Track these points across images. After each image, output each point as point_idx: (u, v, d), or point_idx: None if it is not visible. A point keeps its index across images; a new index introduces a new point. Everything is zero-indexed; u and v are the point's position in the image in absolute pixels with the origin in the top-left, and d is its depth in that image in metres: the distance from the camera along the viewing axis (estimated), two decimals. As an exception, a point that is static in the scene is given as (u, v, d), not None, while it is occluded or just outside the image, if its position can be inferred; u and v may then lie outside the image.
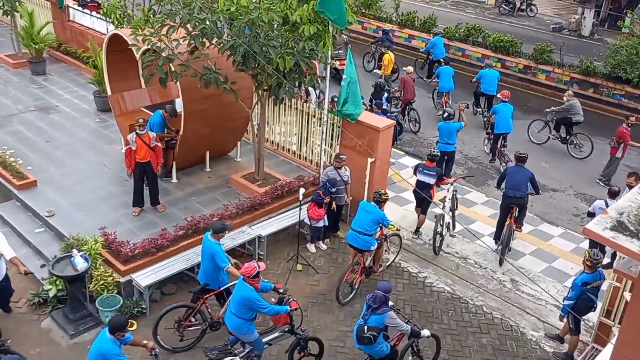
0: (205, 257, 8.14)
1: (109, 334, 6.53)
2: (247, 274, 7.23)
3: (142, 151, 9.83)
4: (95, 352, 6.53)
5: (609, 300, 8.40)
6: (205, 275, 8.21)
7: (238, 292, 7.34)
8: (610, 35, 23.69)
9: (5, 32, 17.92)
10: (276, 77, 9.40)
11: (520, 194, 10.32)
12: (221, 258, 7.96)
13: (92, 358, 6.56)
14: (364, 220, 9.18)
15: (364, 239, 9.17)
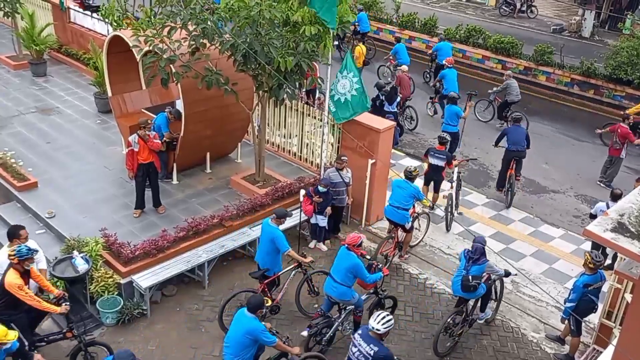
0: (264, 242, 8.50)
1: (249, 313, 6.71)
2: (353, 243, 7.90)
3: (145, 152, 9.83)
4: (241, 332, 6.69)
5: (610, 301, 8.39)
6: (263, 260, 8.53)
7: (342, 262, 7.90)
8: (610, 37, 23.69)
9: (6, 33, 17.95)
10: (277, 78, 9.41)
11: (520, 148, 12.13)
12: (282, 242, 8.34)
13: (238, 339, 6.71)
14: (400, 196, 9.86)
15: (401, 213, 9.83)
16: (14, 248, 7.14)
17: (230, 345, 6.80)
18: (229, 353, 6.80)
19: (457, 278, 8.40)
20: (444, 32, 20.81)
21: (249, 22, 9.12)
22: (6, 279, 7.00)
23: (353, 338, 6.76)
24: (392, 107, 14.20)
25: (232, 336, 6.81)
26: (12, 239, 7.48)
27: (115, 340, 8.29)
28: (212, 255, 9.36)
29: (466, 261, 8.34)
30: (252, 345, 6.75)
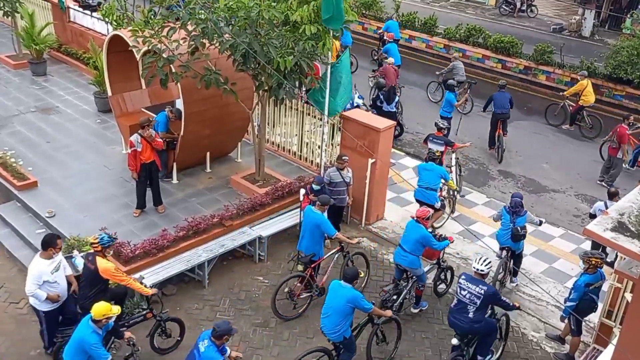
0: (308, 229, 8.81)
1: (346, 283, 7.31)
2: (422, 216, 8.73)
3: (147, 151, 9.84)
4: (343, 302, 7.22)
5: (610, 301, 8.39)
6: (307, 247, 8.84)
7: (411, 234, 8.70)
8: (610, 36, 23.70)
9: (6, 33, 17.95)
10: (276, 78, 9.41)
11: (505, 110, 14.20)
12: (329, 227, 8.76)
13: (340, 308, 7.24)
14: (428, 177, 10.55)
15: (431, 194, 10.46)
16: (96, 236, 7.55)
17: (331, 314, 7.32)
18: (329, 322, 7.35)
19: (505, 231, 9.45)
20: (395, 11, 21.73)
21: (248, 22, 9.12)
22: (100, 266, 7.37)
23: (459, 283, 7.66)
24: (392, 106, 14.20)
25: (332, 306, 7.33)
26: (47, 248, 7.43)
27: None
28: (212, 255, 9.36)
29: (510, 215, 9.38)
30: (351, 313, 7.35)
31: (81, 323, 6.72)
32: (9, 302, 8.90)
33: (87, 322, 6.66)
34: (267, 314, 8.76)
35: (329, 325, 7.35)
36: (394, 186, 12.45)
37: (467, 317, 7.52)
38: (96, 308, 6.63)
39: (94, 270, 7.39)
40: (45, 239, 7.50)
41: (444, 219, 11.36)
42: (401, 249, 8.77)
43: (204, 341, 6.48)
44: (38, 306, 7.56)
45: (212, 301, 9.16)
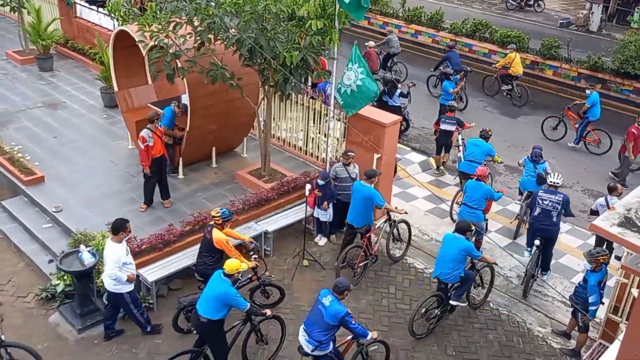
0: (358, 202, 9.43)
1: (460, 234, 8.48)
2: (483, 174, 10.12)
3: (157, 146, 9.89)
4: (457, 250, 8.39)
5: (616, 296, 8.36)
6: (357, 219, 9.48)
7: (475, 192, 9.90)
8: (618, 31, 23.55)
9: (13, 28, 18.01)
10: (282, 73, 9.40)
11: (460, 68, 16.05)
12: (379, 198, 9.38)
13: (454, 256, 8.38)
14: (476, 152, 11.38)
15: (475, 166, 10.93)
16: (218, 210, 8.31)
17: (446, 261, 8.44)
18: (446, 268, 8.44)
19: (529, 177, 10.93)
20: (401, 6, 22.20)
21: (254, 16, 9.11)
22: (215, 237, 8.16)
23: (539, 196, 9.56)
24: (395, 100, 14.17)
25: (447, 254, 8.46)
26: (118, 232, 7.83)
27: (122, 334, 8.36)
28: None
29: (533, 164, 10.89)
30: (464, 260, 8.47)
31: (215, 281, 7.26)
32: (16, 296, 8.97)
33: (221, 277, 7.22)
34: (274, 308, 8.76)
35: (446, 271, 8.46)
36: (399, 182, 12.43)
37: (552, 220, 9.56)
38: (229, 264, 7.24)
39: (210, 240, 8.16)
40: (116, 224, 7.87)
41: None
42: (467, 206, 9.97)
43: (326, 297, 7.07)
44: (119, 289, 7.90)
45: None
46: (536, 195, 9.73)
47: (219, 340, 7.46)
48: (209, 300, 7.21)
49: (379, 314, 9.06)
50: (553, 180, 9.70)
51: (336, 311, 6.88)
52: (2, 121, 13.03)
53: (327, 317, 6.91)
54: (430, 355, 8.45)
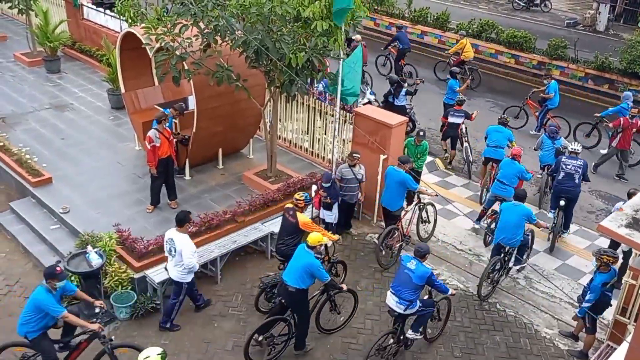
0: (392, 186, 9.99)
1: (520, 202, 9.41)
2: (517, 153, 10.94)
3: (164, 146, 9.92)
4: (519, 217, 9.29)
5: (625, 298, 8.31)
6: (391, 202, 10.04)
7: (509, 169, 10.74)
8: (625, 31, 23.44)
9: (21, 30, 18.11)
10: (288, 74, 9.41)
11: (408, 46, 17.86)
12: (412, 182, 9.89)
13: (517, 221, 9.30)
14: (498, 137, 12.02)
15: (500, 152, 11.85)
16: (302, 194, 8.85)
17: (509, 227, 9.35)
18: (508, 234, 9.37)
19: (548, 152, 11.92)
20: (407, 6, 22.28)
21: (260, 18, 9.12)
22: (300, 219, 8.67)
23: (563, 162, 10.81)
24: (401, 100, 14.17)
25: (508, 221, 9.37)
26: (183, 224, 8.17)
27: (129, 335, 8.38)
28: (225, 251, 9.40)
29: (550, 140, 11.95)
30: (523, 226, 9.35)
31: (300, 253, 7.88)
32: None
33: (305, 250, 7.81)
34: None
35: (508, 236, 9.35)
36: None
37: (575, 182, 10.71)
38: (312, 237, 7.84)
39: (295, 223, 8.67)
40: (180, 217, 8.16)
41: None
42: (500, 182, 10.76)
43: (410, 262, 7.86)
44: (184, 278, 8.25)
45: (225, 296, 9.21)
46: (560, 161, 10.90)
47: (304, 307, 8.07)
48: (295, 271, 7.77)
49: (386, 315, 9.03)
50: (574, 148, 11.02)
51: (423, 272, 7.73)
52: (10, 123, 13.10)
53: (415, 279, 7.71)
54: (437, 356, 8.43)
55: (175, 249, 8.09)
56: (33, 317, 7.06)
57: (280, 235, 8.90)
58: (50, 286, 7.06)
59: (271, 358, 8.04)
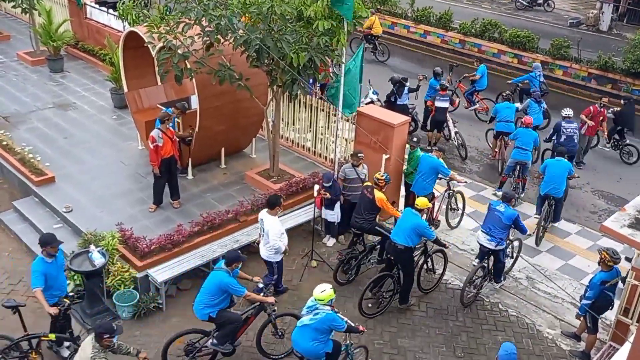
0: (425, 172, 10.38)
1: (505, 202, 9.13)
2: (530, 122, 12.17)
3: (167, 146, 9.93)
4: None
5: (627, 298, 8.30)
6: (421, 188, 10.43)
7: (525, 136, 11.84)
8: (629, 30, 23.38)
9: (24, 29, 18.15)
10: (290, 73, 9.41)
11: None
12: (445, 168, 10.55)
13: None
14: (509, 113, 13.03)
15: (510, 125, 12.89)
16: (382, 174, 9.56)
17: (556, 178, 10.68)
18: (557, 183, 10.63)
19: (537, 115, 13.45)
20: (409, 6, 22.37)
21: (261, 17, 9.13)
22: (377, 196, 9.28)
23: (563, 126, 12.41)
24: (404, 99, 14.18)
25: (555, 173, 10.69)
26: (274, 207, 8.61)
27: (132, 334, 8.39)
28: (227, 250, 9.40)
29: (537, 104, 13.62)
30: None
31: (408, 215, 8.82)
32: (27, 296, 9.02)
33: (413, 212, 8.80)
34: (281, 309, 8.77)
35: (556, 187, 10.66)
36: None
37: (574, 142, 12.38)
38: (420, 201, 8.93)
39: (372, 199, 9.28)
40: (272, 200, 8.63)
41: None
42: (520, 149, 11.78)
43: (499, 205, 9.16)
44: (273, 258, 8.76)
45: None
46: (560, 126, 12.52)
47: (410, 263, 8.96)
48: (404, 231, 8.69)
49: (388, 315, 9.06)
50: (568, 113, 12.63)
51: (511, 214, 9.04)
52: (13, 122, 13.14)
53: (505, 219, 9.00)
54: (439, 356, 8.43)
55: (264, 229, 8.59)
56: (216, 299, 7.48)
57: (358, 210, 9.50)
58: (230, 269, 7.54)
59: (380, 310, 8.99)
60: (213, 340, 7.63)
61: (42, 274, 7.29)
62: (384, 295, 9.02)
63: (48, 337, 7.50)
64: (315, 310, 6.91)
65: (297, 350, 7.21)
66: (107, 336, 6.32)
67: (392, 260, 8.93)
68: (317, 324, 6.88)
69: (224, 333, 7.61)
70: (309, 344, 6.98)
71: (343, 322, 7.01)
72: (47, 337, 7.50)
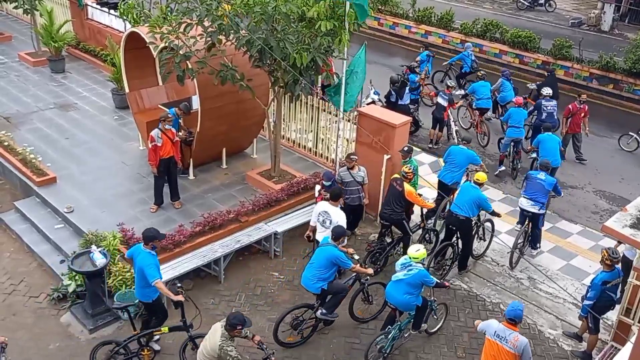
0: (460, 160, 10.86)
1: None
2: (519, 102, 13.09)
3: (167, 147, 9.92)
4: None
5: (629, 298, 8.29)
6: (451, 177, 10.89)
7: (517, 115, 12.77)
8: (630, 30, 23.36)
9: (25, 30, 18.17)
10: (292, 74, 9.41)
11: None
12: (478, 158, 11.04)
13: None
14: (486, 91, 14.22)
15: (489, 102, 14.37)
16: (409, 166, 9.80)
17: (551, 151, 11.50)
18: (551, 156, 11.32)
19: (509, 92, 14.65)
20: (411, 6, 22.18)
21: (264, 17, 9.13)
22: (406, 189, 9.60)
23: (543, 104, 13.26)
24: (405, 100, 14.17)
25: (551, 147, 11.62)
26: (337, 199, 9.08)
27: (133, 334, 8.40)
28: (228, 250, 9.42)
29: (509, 82, 14.84)
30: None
31: (467, 188, 9.71)
32: (28, 296, 9.05)
33: (472, 185, 9.69)
34: (282, 310, 8.78)
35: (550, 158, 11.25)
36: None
37: (555, 119, 13.35)
38: (480, 175, 9.78)
39: (401, 191, 9.58)
40: (336, 192, 9.13)
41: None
42: (515, 127, 12.71)
43: (539, 174, 10.22)
44: None
45: (228, 296, 9.22)
46: (540, 105, 13.36)
47: (470, 233, 9.77)
48: (465, 203, 9.52)
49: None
50: (548, 92, 13.36)
51: (551, 180, 10.24)
52: (14, 122, 13.16)
53: (546, 186, 10.13)
54: (440, 356, 8.43)
55: (331, 221, 8.86)
56: (327, 272, 8.05)
57: (387, 202, 9.78)
58: (337, 244, 8.08)
59: (443, 274, 9.74)
60: (322, 310, 8.23)
61: (157, 265, 7.50)
62: (447, 263, 9.82)
63: (161, 331, 7.76)
64: (409, 266, 7.77)
65: (391, 302, 8.01)
66: (240, 327, 6.52)
67: (453, 230, 9.76)
68: (411, 279, 7.74)
69: (333, 302, 8.28)
70: (402, 297, 7.84)
71: (433, 279, 7.88)
72: (160, 331, 7.77)
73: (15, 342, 8.16)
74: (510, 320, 6.87)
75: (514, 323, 6.87)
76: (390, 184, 9.84)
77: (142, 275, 7.42)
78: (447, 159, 11.04)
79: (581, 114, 13.63)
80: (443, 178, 11.05)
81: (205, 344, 6.61)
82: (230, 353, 6.39)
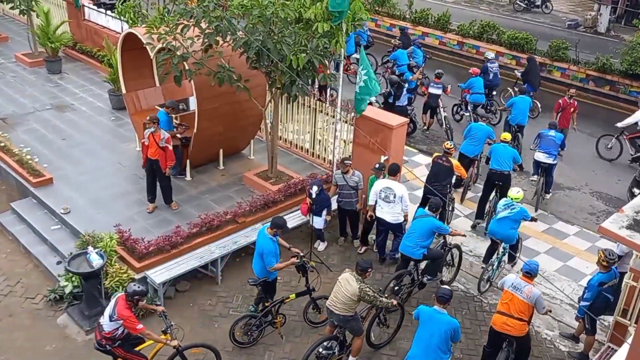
0: (479, 136, 11.88)
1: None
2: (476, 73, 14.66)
3: (152, 148, 9.92)
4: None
5: (625, 299, 8.30)
6: (472, 149, 11.86)
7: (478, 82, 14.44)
8: (627, 32, 23.41)
9: (22, 31, 18.14)
10: (289, 75, 9.41)
11: None
12: (493, 132, 12.11)
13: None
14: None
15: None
16: (450, 143, 10.81)
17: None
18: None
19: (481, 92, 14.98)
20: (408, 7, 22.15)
21: (262, 20, 9.13)
22: (454, 163, 10.53)
23: (489, 66, 14.96)
24: (402, 101, 14.18)
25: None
26: (395, 174, 9.73)
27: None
28: (225, 251, 9.41)
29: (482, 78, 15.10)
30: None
31: (502, 148, 10.99)
32: (25, 297, 9.02)
33: (505, 145, 11.10)
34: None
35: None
36: (406, 184, 12.36)
37: (499, 78, 14.94)
38: (505, 135, 11.44)
39: (449, 166, 10.43)
40: (394, 167, 9.81)
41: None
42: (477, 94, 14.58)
43: (551, 131, 11.98)
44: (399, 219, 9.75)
45: (225, 297, 9.21)
46: (487, 68, 15.05)
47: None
48: (505, 159, 10.91)
49: (390, 315, 9.04)
50: (492, 56, 15.82)
51: (561, 136, 12.08)
52: (11, 123, 13.12)
53: (557, 140, 11.92)
54: (437, 357, 8.41)
55: (395, 195, 9.53)
56: (427, 239, 8.99)
57: (437, 179, 10.38)
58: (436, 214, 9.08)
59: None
60: (427, 276, 9.30)
61: (275, 253, 8.12)
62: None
63: (290, 298, 8.47)
64: (512, 206, 9.36)
65: (497, 237, 9.51)
66: (370, 270, 7.60)
67: (497, 185, 11.02)
68: (514, 216, 9.36)
69: (435, 266, 9.35)
70: (508, 231, 9.42)
71: (530, 214, 9.64)
72: (289, 298, 8.47)
73: (11, 343, 8.16)
74: (527, 273, 7.77)
75: (530, 276, 7.76)
76: (435, 162, 10.62)
77: (262, 256, 8.04)
78: (468, 135, 12.04)
79: (570, 109, 13.79)
80: (465, 151, 11.98)
81: (338, 295, 7.51)
82: (369, 292, 7.44)
